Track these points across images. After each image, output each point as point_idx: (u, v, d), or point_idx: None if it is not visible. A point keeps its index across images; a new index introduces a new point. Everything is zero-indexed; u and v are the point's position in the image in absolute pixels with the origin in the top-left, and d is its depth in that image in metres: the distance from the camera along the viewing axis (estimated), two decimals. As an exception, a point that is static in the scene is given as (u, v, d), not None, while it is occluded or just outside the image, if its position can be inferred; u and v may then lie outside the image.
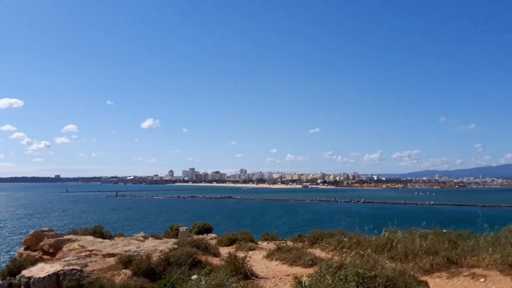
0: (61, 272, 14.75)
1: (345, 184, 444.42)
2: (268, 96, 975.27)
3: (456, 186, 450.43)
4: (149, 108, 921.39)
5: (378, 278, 8.33)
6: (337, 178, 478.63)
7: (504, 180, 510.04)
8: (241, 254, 14.82)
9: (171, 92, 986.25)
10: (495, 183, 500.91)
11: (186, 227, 26.76)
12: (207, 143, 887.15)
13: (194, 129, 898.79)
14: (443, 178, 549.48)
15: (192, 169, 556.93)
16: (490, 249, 12.61)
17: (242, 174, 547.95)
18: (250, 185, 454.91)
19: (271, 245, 20.28)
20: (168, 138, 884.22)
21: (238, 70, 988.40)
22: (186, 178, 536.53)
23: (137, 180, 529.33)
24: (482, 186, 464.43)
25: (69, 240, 19.79)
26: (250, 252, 18.41)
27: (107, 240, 20.57)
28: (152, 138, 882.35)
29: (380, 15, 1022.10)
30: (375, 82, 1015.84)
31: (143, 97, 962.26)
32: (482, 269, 11.44)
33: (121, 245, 19.08)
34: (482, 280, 10.63)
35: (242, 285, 10.61)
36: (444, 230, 16.62)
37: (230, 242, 22.67)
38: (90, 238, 20.63)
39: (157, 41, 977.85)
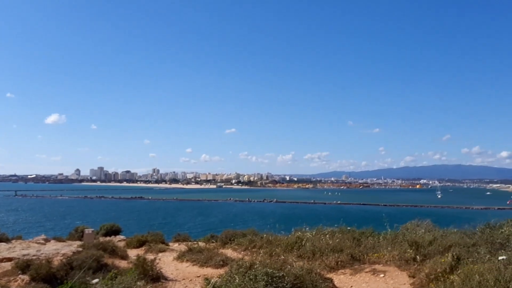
0: None
1: (259, 184, 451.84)
2: (184, 95, 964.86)
3: (361, 186, 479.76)
4: (54, 102, 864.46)
5: (286, 277, 8.47)
6: (252, 178, 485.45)
7: (403, 181, 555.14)
8: (150, 256, 14.32)
9: (79, 85, 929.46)
10: (395, 183, 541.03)
11: (92, 229, 25.32)
12: (117, 141, 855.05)
13: (104, 126, 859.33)
14: (350, 178, 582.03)
15: (101, 168, 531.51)
16: (389, 246, 13.44)
17: (154, 174, 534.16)
18: (162, 185, 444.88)
19: (183, 246, 19.90)
20: (75, 135, 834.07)
21: (153, 65, 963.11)
22: (94, 178, 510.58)
23: (40, 179, 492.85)
24: (384, 187, 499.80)
25: (-44, 245, 17.80)
26: (160, 254, 17.89)
27: (3, 244, 18.79)
28: (57, 134, 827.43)
29: (294, 16, 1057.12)
30: (289, 85, 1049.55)
31: (48, 90, 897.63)
32: (382, 265, 12.17)
33: (19, 249, 17.52)
34: (381, 275, 11.30)
35: (150, 288, 10.23)
36: (349, 228, 17.49)
37: (140, 244, 21.83)
38: (-18, 242, 18.74)
39: (64, 30, 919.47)
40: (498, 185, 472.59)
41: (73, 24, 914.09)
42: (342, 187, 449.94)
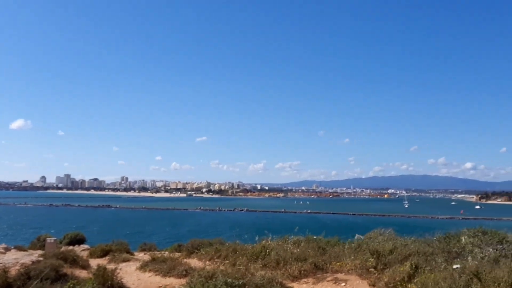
0: None
1: (230, 193, 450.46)
2: (154, 102, 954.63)
3: (331, 196, 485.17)
4: (19, 107, 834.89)
5: (246, 286, 8.47)
6: (222, 187, 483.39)
7: (372, 191, 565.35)
8: (111, 266, 14.05)
9: (45, 90, 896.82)
10: (364, 193, 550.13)
11: (55, 238, 24.67)
12: (85, 148, 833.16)
13: (71, 132, 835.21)
14: (320, 188, 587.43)
15: (68, 176, 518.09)
16: (352, 255, 13.61)
17: (123, 182, 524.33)
18: (131, 193, 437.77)
19: (147, 256, 19.60)
20: (40, 141, 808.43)
21: (122, 72, 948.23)
22: (60, 185, 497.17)
23: (3, 186, 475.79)
24: (353, 196, 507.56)
25: None
26: (124, 264, 17.56)
27: (-41, 254, 18.05)
28: (22, 140, 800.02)
29: (262, 26, 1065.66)
30: (261, 94, 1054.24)
31: (13, 94, 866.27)
32: (344, 274, 12.30)
33: (-25, 259, 16.85)
34: (343, 284, 11.42)
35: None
36: (315, 237, 17.62)
37: (103, 254, 21.35)
38: None
39: (30, 33, 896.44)
40: (462, 195, 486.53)
41: (39, 27, 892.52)
42: (312, 196, 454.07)
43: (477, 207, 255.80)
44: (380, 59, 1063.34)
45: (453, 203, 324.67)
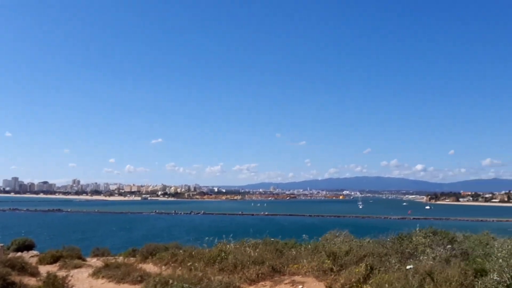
0: None
1: (186, 196, 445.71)
2: (107, 102, 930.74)
3: (288, 197, 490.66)
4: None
5: (203, 292, 8.31)
6: (179, 190, 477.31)
7: (327, 192, 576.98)
8: (62, 273, 13.47)
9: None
10: (320, 194, 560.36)
11: (2, 244, 23.39)
12: (34, 150, 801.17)
13: (19, 133, 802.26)
14: (277, 190, 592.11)
15: (15, 179, 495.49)
16: (309, 257, 13.71)
17: (74, 185, 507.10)
18: (83, 197, 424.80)
19: (100, 262, 18.98)
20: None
21: (74, 69, 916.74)
22: (7, 189, 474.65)
23: None
24: (309, 197, 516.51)
25: None
26: (75, 270, 16.94)
27: None
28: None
29: (220, 29, 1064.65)
30: (218, 96, 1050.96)
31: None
32: (301, 276, 12.37)
33: None
34: (300, 286, 11.48)
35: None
36: (272, 240, 17.63)
37: (54, 260, 20.47)
38: None
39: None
40: (413, 196, 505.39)
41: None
42: (270, 198, 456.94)
43: (427, 207, 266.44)
44: (334, 62, 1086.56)
45: (404, 203, 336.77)
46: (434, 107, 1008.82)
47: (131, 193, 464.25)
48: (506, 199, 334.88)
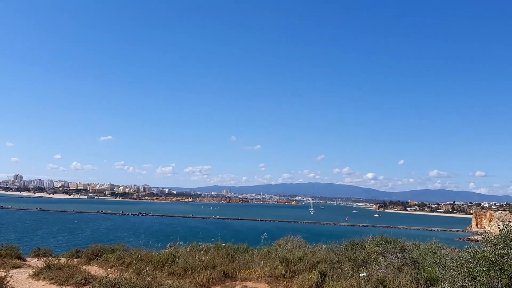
0: None
1: (135, 197, 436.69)
2: (54, 95, 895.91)
3: (240, 201, 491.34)
4: None
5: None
6: (127, 190, 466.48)
7: (280, 197, 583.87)
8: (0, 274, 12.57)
9: None
10: (273, 199, 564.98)
11: None
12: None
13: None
14: (230, 193, 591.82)
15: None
16: (262, 262, 13.52)
17: (16, 181, 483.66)
18: (25, 193, 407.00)
19: (42, 262, 17.97)
20: None
21: (22, 62, 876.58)
22: None
23: None
24: (262, 202, 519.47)
25: None
26: (14, 271, 16.13)
27: None
28: None
29: (181, 29, 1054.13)
30: (172, 95, 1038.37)
31: None
32: (253, 282, 12.15)
33: None
34: (251, 292, 11.24)
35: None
36: (224, 244, 17.34)
37: (-10, 259, 19.24)
38: None
39: None
40: (363, 203, 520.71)
41: None
42: (222, 201, 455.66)
43: (376, 215, 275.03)
44: (292, 67, 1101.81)
45: (354, 211, 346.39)
46: (387, 118, 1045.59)
47: (77, 191, 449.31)
48: (450, 210, 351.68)
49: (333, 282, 9.83)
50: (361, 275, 9.74)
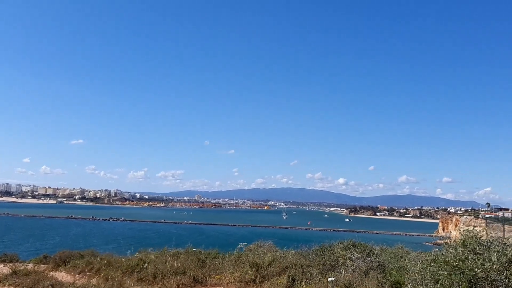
0: None
1: (106, 201, 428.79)
2: (23, 97, 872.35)
3: (213, 206, 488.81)
4: None
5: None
6: (98, 195, 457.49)
7: (253, 202, 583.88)
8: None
9: None
10: (245, 204, 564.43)
11: None
12: None
13: None
14: (203, 198, 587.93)
15: None
16: (232, 267, 13.55)
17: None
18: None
19: (7, 268, 17.49)
20: None
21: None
22: None
23: None
24: (234, 207, 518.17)
25: None
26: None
27: None
28: None
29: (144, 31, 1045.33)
30: (144, 99, 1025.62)
31: None
32: (223, 287, 12.16)
33: None
34: (221, 298, 11.25)
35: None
36: (195, 249, 17.29)
37: (-49, 266, 18.63)
38: None
39: None
40: (335, 208, 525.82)
41: None
42: (194, 206, 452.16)
43: (347, 220, 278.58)
44: (264, 73, 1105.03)
45: (326, 215, 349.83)
46: (358, 124, 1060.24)
47: (46, 196, 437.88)
48: (418, 215, 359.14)
49: (302, 287, 9.97)
50: (329, 279, 9.92)
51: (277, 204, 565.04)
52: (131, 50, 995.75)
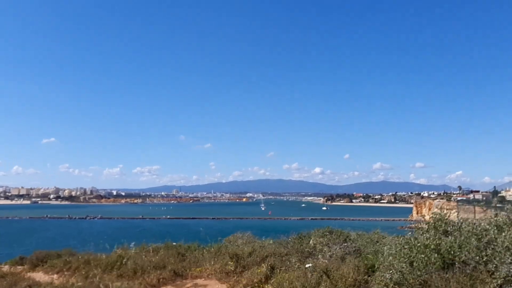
0: None
1: (82, 200, 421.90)
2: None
3: (191, 201, 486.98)
4: None
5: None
6: (73, 193, 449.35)
7: (231, 195, 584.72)
8: None
9: None
10: (224, 197, 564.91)
11: None
12: None
13: None
14: (180, 193, 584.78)
15: None
16: (212, 259, 13.69)
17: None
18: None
19: (-18, 273, 17.16)
20: None
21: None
22: None
23: None
24: (213, 200, 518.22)
25: None
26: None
27: None
28: None
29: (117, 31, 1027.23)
30: (117, 94, 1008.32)
31: None
32: (203, 279, 12.32)
33: None
34: (202, 289, 11.40)
35: None
36: (174, 244, 17.35)
37: None
38: None
39: None
40: (312, 197, 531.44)
41: None
42: (172, 201, 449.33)
43: (324, 208, 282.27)
44: (240, 63, 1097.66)
45: (303, 205, 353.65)
46: (331, 114, 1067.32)
47: (19, 196, 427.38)
48: (392, 200, 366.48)
49: (281, 274, 10.18)
50: (306, 266, 10.16)
51: (255, 195, 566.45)
52: (99, 47, 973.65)
